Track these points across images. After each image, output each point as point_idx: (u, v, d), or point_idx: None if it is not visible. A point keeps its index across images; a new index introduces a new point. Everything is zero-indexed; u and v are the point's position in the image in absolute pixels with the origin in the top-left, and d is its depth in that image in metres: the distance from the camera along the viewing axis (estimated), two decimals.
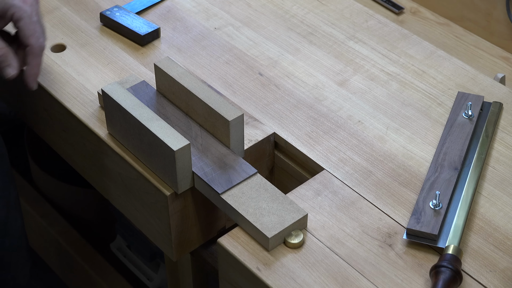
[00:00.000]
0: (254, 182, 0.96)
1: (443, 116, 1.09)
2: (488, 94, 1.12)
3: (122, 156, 1.02)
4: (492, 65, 1.24)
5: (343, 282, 0.89)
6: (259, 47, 1.19)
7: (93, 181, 1.16)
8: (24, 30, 1.01)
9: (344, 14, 1.25)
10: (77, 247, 1.57)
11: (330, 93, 1.12)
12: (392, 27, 1.23)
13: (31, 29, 1.01)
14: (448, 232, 0.93)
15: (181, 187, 0.97)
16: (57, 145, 1.19)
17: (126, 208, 1.09)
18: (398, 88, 1.13)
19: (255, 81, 1.14)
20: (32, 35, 1.01)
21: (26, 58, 1.03)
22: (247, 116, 1.08)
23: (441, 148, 1.03)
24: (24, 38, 1.02)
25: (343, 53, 1.18)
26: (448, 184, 0.98)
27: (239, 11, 1.26)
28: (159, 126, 0.96)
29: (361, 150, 1.04)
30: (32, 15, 1.02)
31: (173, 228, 1.01)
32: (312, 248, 0.92)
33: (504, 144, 1.05)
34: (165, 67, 1.04)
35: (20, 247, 1.25)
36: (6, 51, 1.01)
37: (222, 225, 1.07)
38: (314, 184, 1.00)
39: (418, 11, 1.33)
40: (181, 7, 1.26)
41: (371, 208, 0.97)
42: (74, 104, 1.09)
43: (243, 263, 0.91)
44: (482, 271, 0.90)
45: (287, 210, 0.93)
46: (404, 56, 1.18)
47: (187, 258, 1.15)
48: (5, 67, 1.02)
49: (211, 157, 0.99)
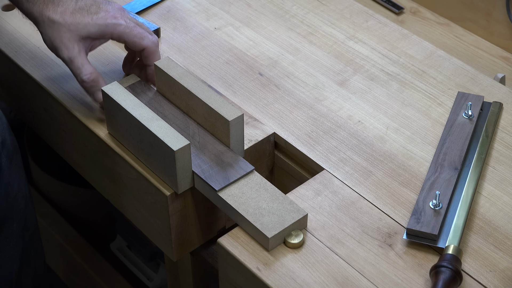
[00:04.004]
0: (254, 182, 0.96)
1: (443, 116, 1.09)
2: (488, 94, 1.12)
3: (122, 156, 1.02)
4: (492, 65, 1.24)
5: (343, 282, 0.89)
6: (259, 47, 1.19)
7: (93, 181, 1.16)
8: (132, 40, 1.03)
9: (344, 14, 1.25)
10: (77, 247, 1.57)
11: (330, 93, 1.12)
12: (392, 27, 1.23)
13: (137, 35, 1.03)
14: (448, 232, 0.93)
15: (181, 187, 0.97)
16: (57, 145, 1.19)
17: (126, 208, 1.09)
18: (398, 88, 1.13)
19: (255, 81, 1.14)
20: (141, 38, 1.03)
21: (147, 60, 1.05)
22: (247, 116, 1.08)
23: (441, 148, 1.03)
24: (136, 45, 1.03)
25: (343, 53, 1.18)
26: (448, 184, 0.98)
27: (239, 11, 1.26)
28: (159, 126, 0.96)
29: (361, 150, 1.04)
30: (128, 23, 1.03)
31: (173, 228, 1.01)
32: (312, 248, 0.92)
33: (504, 144, 1.05)
34: (165, 67, 1.04)
35: (37, 239, 1.27)
36: (96, 75, 1.03)
37: (222, 225, 1.07)
38: (314, 184, 1.00)
39: (418, 11, 1.33)
40: (181, 7, 1.26)
41: (371, 208, 0.97)
42: (74, 104, 1.09)
43: (243, 263, 0.91)
44: (482, 271, 0.90)
45: (287, 210, 0.93)
46: (404, 56, 1.18)
47: (187, 258, 1.15)
48: (96, 91, 1.03)
49: (208, 155, 0.99)
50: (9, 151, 1.14)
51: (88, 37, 1.02)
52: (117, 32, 1.02)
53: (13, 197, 1.16)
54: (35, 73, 1.14)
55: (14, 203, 1.16)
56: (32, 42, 1.18)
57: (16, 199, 1.17)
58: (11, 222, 1.17)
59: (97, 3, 1.03)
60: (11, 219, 1.17)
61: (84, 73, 1.02)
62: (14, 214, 1.17)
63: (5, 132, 1.14)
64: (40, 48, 1.17)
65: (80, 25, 1.01)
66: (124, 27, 1.02)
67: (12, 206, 1.16)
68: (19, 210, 1.18)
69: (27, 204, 1.21)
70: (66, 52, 1.02)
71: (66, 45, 1.01)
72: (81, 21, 1.01)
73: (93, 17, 1.02)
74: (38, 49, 1.17)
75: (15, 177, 1.16)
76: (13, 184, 1.16)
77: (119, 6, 1.05)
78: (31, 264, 1.25)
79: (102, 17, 1.02)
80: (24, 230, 1.21)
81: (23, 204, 1.20)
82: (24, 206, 1.20)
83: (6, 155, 1.13)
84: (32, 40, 1.18)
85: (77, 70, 1.02)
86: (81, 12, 1.01)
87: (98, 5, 1.03)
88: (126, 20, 1.03)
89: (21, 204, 1.19)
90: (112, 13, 1.02)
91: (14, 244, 1.19)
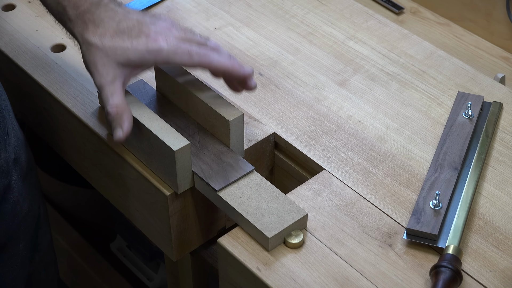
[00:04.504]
0: (254, 182, 0.96)
1: (443, 116, 1.09)
2: (488, 94, 1.12)
3: (122, 156, 1.02)
4: (492, 65, 1.24)
5: (343, 282, 0.89)
6: (259, 47, 1.19)
7: (93, 181, 1.16)
8: (180, 62, 0.94)
9: (344, 14, 1.25)
10: (77, 247, 1.57)
11: (330, 93, 1.12)
12: (392, 27, 1.23)
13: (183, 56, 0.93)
14: (448, 232, 0.93)
15: (181, 187, 0.97)
16: (57, 145, 1.19)
17: (126, 208, 1.09)
18: (398, 88, 1.13)
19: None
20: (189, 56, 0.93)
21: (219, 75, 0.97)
22: (247, 116, 1.08)
23: (441, 148, 1.03)
24: (187, 65, 0.95)
25: (343, 53, 1.18)
26: (448, 184, 0.98)
27: (239, 11, 1.26)
28: (159, 126, 0.96)
29: (361, 150, 1.04)
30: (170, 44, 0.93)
31: (173, 228, 1.01)
32: (312, 248, 0.92)
33: (504, 144, 1.05)
34: (165, 67, 1.04)
35: (49, 263, 1.21)
36: (122, 109, 0.93)
37: (222, 225, 1.07)
38: (314, 184, 1.00)
39: (418, 11, 1.33)
40: (181, 7, 1.26)
41: (371, 208, 0.97)
42: (74, 104, 1.09)
43: (243, 263, 0.91)
44: (482, 271, 0.90)
45: (287, 210, 0.93)
46: (404, 56, 1.18)
47: (187, 258, 1.15)
48: (116, 127, 0.93)
49: (208, 155, 0.99)
50: (23, 169, 1.09)
51: (128, 64, 0.93)
52: (161, 58, 0.93)
53: (22, 217, 1.10)
54: (35, 73, 1.14)
55: (22, 223, 1.10)
56: (32, 42, 1.18)
57: (25, 219, 1.10)
58: (17, 243, 1.10)
59: (139, 24, 0.93)
60: (17, 239, 1.10)
61: (110, 103, 0.93)
62: (21, 234, 1.11)
63: (20, 150, 1.09)
64: (40, 48, 1.17)
65: (118, 50, 0.92)
66: (167, 51, 0.93)
67: (20, 225, 1.10)
68: (27, 231, 1.12)
69: (39, 225, 1.15)
70: (98, 79, 0.93)
71: (100, 71, 0.93)
72: (120, 46, 0.92)
73: (133, 41, 0.92)
74: (38, 49, 1.17)
75: (26, 196, 1.10)
76: (23, 204, 1.09)
77: (164, 25, 0.95)
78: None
79: (143, 42, 0.92)
80: (33, 252, 1.14)
81: (33, 225, 1.13)
82: (35, 227, 1.14)
83: (18, 173, 1.08)
84: (32, 40, 1.18)
85: (105, 100, 0.93)
86: (121, 36, 0.92)
87: (141, 27, 0.93)
88: (169, 40, 0.93)
89: (30, 224, 1.12)
90: (153, 37, 0.93)
91: (19, 265, 1.12)
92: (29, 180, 1.12)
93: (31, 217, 1.13)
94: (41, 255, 1.18)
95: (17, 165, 1.08)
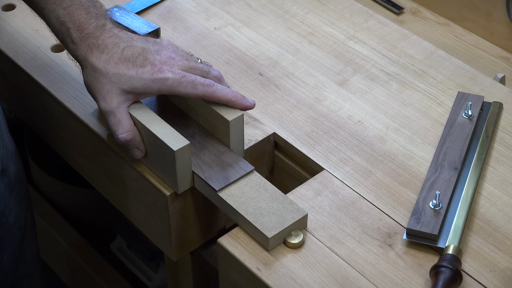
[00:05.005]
0: (254, 182, 0.96)
1: (443, 116, 1.09)
2: (488, 94, 1.12)
3: (122, 156, 1.02)
4: (492, 65, 1.24)
5: (343, 282, 0.89)
6: (259, 47, 1.19)
7: (93, 181, 1.16)
8: (184, 92, 0.95)
9: (344, 14, 1.25)
10: (77, 247, 1.57)
11: (330, 93, 1.12)
12: (392, 27, 1.23)
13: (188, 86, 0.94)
14: (448, 232, 0.93)
15: (181, 187, 0.97)
16: (57, 145, 1.19)
17: (126, 208, 1.09)
18: (398, 88, 1.13)
19: (255, 81, 1.14)
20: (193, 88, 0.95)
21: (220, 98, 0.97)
22: (247, 116, 1.08)
23: (441, 148, 1.03)
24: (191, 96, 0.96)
25: (343, 53, 1.18)
26: (448, 184, 0.98)
27: (239, 11, 1.26)
28: (159, 126, 0.96)
29: (361, 150, 1.04)
30: (176, 75, 0.94)
31: (173, 228, 1.01)
32: (312, 248, 0.92)
33: (504, 144, 1.05)
34: None
35: (33, 274, 1.21)
36: (133, 134, 0.96)
37: (222, 225, 1.07)
38: (314, 184, 1.00)
39: (418, 11, 1.33)
40: (181, 7, 1.26)
41: (371, 208, 0.97)
42: (74, 104, 1.09)
43: (243, 263, 0.91)
44: (482, 271, 0.90)
45: (287, 210, 0.93)
46: (404, 56, 1.18)
47: (187, 258, 1.15)
48: (133, 149, 0.97)
49: (208, 155, 0.99)
50: (10, 180, 1.09)
51: (132, 92, 0.95)
52: (165, 88, 0.94)
53: (7, 228, 1.10)
54: (35, 73, 1.14)
55: (7, 234, 1.10)
56: (32, 42, 1.18)
57: (10, 230, 1.11)
58: (1, 254, 1.11)
59: (144, 53, 0.95)
60: (2, 250, 1.11)
61: (120, 131, 0.95)
62: (5, 246, 1.11)
63: (8, 161, 1.09)
64: (40, 48, 1.17)
65: (123, 78, 0.94)
66: (172, 81, 0.94)
67: (5, 237, 1.10)
68: (12, 242, 1.12)
69: (24, 237, 1.15)
70: (103, 105, 0.95)
71: (105, 97, 0.94)
72: (124, 73, 0.94)
73: (139, 70, 0.94)
74: (38, 49, 1.17)
75: (12, 208, 1.10)
76: (9, 215, 1.10)
77: (168, 54, 0.97)
78: None
79: (148, 72, 0.94)
80: (17, 263, 1.15)
81: (19, 237, 1.13)
82: (20, 239, 1.14)
83: (6, 184, 1.08)
84: (32, 40, 1.18)
85: (113, 127, 0.95)
86: (126, 63, 0.94)
87: (146, 56, 0.95)
88: (174, 71, 0.94)
89: (16, 236, 1.13)
90: (158, 66, 0.94)
91: (2, 276, 1.12)
92: (16, 191, 1.12)
93: (17, 229, 1.13)
94: (25, 267, 1.18)
95: (4, 176, 1.08)
